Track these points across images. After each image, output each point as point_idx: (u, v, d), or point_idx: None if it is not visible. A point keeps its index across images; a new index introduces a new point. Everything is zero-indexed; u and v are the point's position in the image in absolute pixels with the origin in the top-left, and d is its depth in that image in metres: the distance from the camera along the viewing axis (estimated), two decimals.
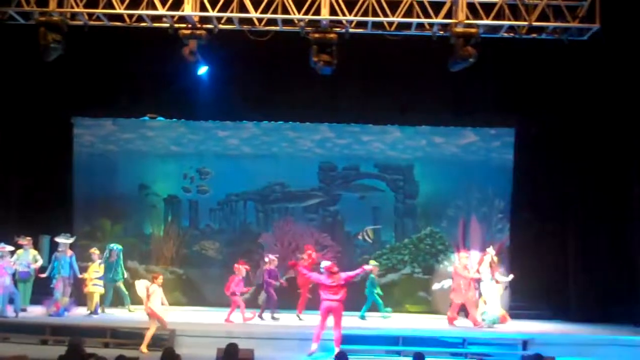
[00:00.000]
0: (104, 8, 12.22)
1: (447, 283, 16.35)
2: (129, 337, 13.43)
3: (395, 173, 18.24)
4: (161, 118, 18.14)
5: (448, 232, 18.11)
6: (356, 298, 15.74)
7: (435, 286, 16.40)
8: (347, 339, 13.38)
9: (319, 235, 18.21)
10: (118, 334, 13.48)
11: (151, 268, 17.82)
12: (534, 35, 12.47)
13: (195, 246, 18.13)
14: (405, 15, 12.10)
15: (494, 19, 12.05)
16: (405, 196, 18.31)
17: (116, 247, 16.15)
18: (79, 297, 16.02)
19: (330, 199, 18.27)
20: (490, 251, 15.48)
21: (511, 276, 15.59)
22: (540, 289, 15.75)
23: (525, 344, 13.66)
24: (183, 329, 13.61)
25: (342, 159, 18.24)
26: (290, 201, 18.26)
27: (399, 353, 13.25)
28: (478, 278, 15.40)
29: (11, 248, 15.19)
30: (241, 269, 15.37)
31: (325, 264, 13.27)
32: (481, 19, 12.02)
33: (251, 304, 16.34)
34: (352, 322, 15.58)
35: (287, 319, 15.62)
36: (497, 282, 15.24)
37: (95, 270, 15.73)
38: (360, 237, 18.15)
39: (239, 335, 12.72)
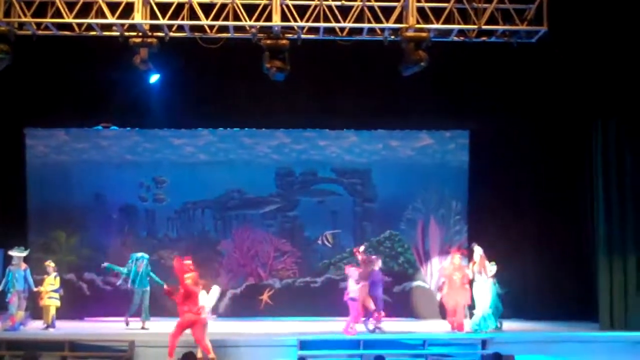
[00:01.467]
0: (52, 17, 12.00)
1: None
2: (87, 349, 13.25)
3: (353, 177, 18.32)
4: (115, 127, 17.96)
5: (407, 235, 18.25)
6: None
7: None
8: (308, 344, 13.42)
9: (278, 241, 18.22)
10: (76, 347, 13.28)
11: (108, 280, 17.64)
12: (484, 38, 12.56)
13: (153, 256, 17.88)
14: (357, 20, 12.12)
15: (444, 23, 12.14)
16: (363, 200, 18.40)
17: (142, 256, 15.66)
18: (35, 310, 15.79)
19: (288, 204, 18.26)
20: (478, 250, 15.10)
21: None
22: None
23: (484, 343, 13.75)
24: (142, 339, 13.47)
25: (299, 164, 18.26)
26: (248, 208, 18.21)
27: (360, 357, 13.26)
28: (470, 280, 15.02)
29: None
30: (353, 271, 14.85)
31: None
32: (432, 23, 12.10)
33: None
34: (312, 327, 15.59)
35: (248, 327, 15.55)
36: (490, 275, 14.92)
37: (51, 283, 15.48)
38: (320, 241, 18.17)
39: (196, 345, 12.61)
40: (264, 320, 16.77)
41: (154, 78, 13.73)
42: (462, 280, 15.07)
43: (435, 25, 12.13)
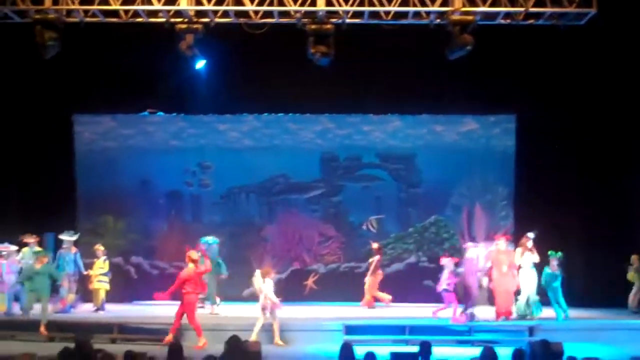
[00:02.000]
0: (99, 4, 12.16)
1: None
2: (136, 332, 13.44)
3: (397, 162, 18.21)
4: (161, 113, 18.12)
5: (452, 220, 18.09)
6: None
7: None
8: (353, 329, 13.45)
9: (322, 226, 18.22)
10: (125, 330, 13.50)
11: (155, 264, 17.86)
12: (531, 21, 12.38)
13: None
14: (402, 4, 12.04)
15: (491, 5, 11.98)
16: (408, 185, 18.29)
17: (214, 240, 15.55)
18: (85, 293, 16.06)
19: (332, 189, 18.24)
20: (530, 235, 14.98)
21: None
22: None
23: (531, 330, 13.65)
24: (188, 323, 13.60)
25: (343, 149, 18.21)
26: (293, 193, 18.23)
27: (406, 342, 13.22)
28: (518, 266, 14.91)
29: (15, 247, 15.22)
30: (449, 262, 14.86)
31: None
32: (478, 6, 11.95)
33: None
34: (357, 312, 15.61)
35: (293, 311, 15.60)
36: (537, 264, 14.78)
37: (100, 267, 15.78)
38: (364, 227, 18.12)
39: (245, 328, 12.72)
40: (309, 305, 16.80)
41: (200, 64, 13.77)
42: (509, 266, 14.92)
43: (481, 9, 12.00)
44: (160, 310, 15.75)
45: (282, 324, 13.40)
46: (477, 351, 9.51)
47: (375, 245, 16.82)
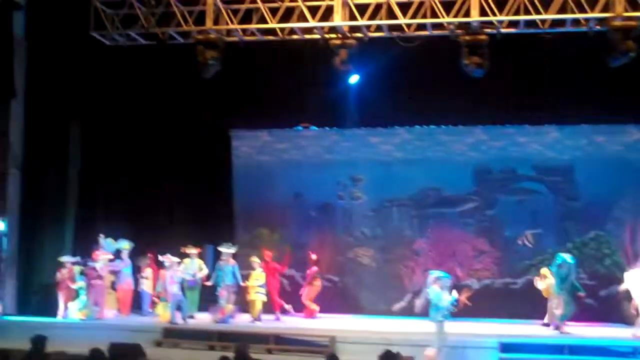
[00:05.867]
0: (257, 23, 12.51)
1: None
2: (292, 343, 13.65)
3: (555, 174, 17.48)
4: (314, 127, 18.42)
5: (614, 236, 17.14)
6: None
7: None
8: (509, 347, 13.09)
9: (476, 240, 17.78)
10: (281, 341, 13.72)
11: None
12: None
13: (349, 253, 18.18)
14: (559, 11, 11.64)
15: None
16: (566, 198, 17.50)
17: (569, 258, 15.14)
18: (242, 304, 16.46)
19: (486, 203, 17.76)
20: None
21: None
22: None
23: None
24: (343, 335, 13.70)
25: (497, 161, 17.71)
26: (445, 206, 17.90)
27: None
28: None
29: (177, 259, 15.87)
30: None
31: None
32: None
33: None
34: (513, 329, 15.13)
35: (445, 327, 15.36)
36: None
37: (256, 278, 16.09)
38: (520, 242, 17.55)
39: (398, 343, 12.64)
40: (462, 321, 16.46)
41: (354, 78, 13.87)
42: None
43: None
44: (314, 322, 15.97)
45: (427, 340, 13.21)
46: None
47: (313, 257, 16.57)
